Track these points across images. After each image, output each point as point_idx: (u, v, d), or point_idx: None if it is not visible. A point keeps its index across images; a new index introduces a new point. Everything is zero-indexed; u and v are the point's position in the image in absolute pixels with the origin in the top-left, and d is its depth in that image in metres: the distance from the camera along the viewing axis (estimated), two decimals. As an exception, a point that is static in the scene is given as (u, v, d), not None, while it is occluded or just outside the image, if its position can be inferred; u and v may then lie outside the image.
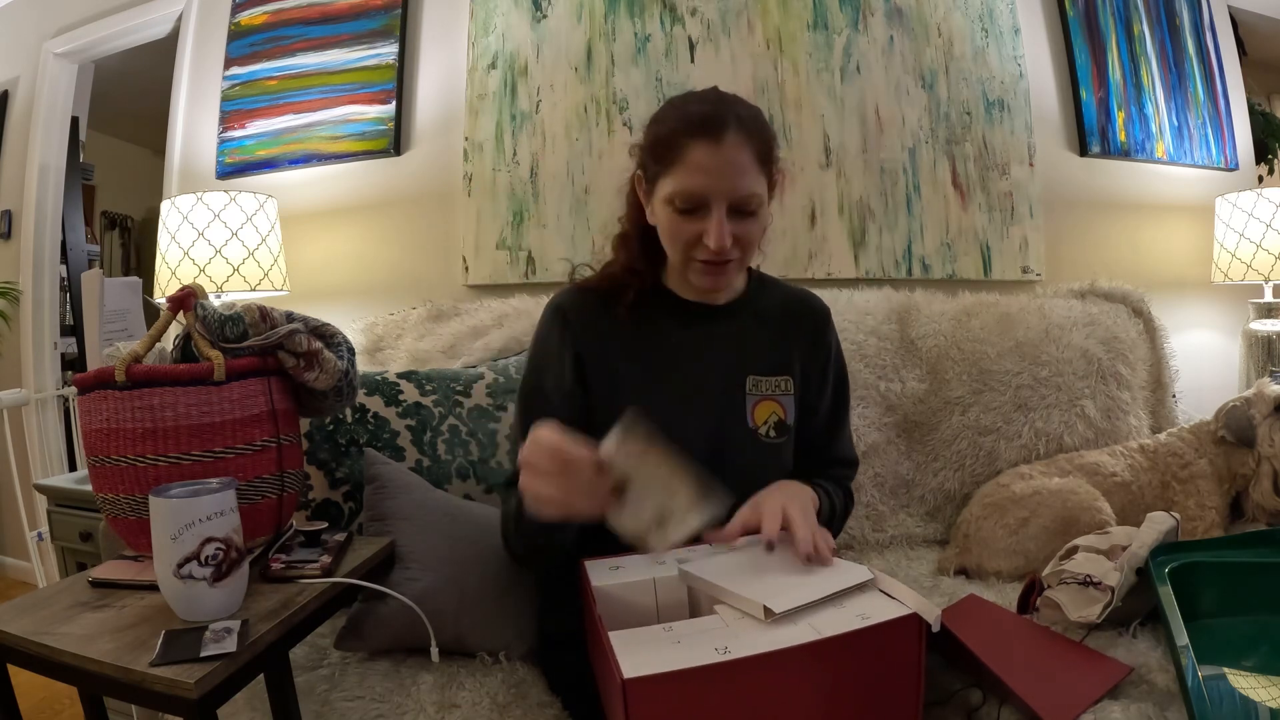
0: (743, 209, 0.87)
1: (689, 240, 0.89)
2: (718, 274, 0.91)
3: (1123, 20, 2.02)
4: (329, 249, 1.98)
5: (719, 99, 0.90)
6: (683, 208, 0.87)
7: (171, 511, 0.70)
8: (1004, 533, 1.25)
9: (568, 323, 0.96)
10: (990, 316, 1.57)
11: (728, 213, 0.86)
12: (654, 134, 0.90)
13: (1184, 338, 1.97)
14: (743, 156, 0.85)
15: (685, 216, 0.87)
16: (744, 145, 0.85)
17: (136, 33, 2.37)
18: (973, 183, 1.87)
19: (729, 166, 0.85)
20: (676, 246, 0.91)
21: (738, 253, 0.89)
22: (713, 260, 0.89)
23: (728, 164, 0.85)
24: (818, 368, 1.02)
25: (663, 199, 0.89)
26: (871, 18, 1.86)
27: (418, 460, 1.18)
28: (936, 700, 0.80)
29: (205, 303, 0.87)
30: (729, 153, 0.84)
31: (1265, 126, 2.60)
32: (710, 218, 0.86)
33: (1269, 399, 1.26)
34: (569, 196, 1.82)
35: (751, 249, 0.92)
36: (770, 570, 0.76)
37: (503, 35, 1.87)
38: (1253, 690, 0.73)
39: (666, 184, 0.88)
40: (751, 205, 0.87)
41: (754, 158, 0.86)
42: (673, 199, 0.87)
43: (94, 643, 0.68)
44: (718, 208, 0.86)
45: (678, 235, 0.89)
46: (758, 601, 0.67)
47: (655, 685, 0.58)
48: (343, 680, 0.91)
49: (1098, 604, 0.89)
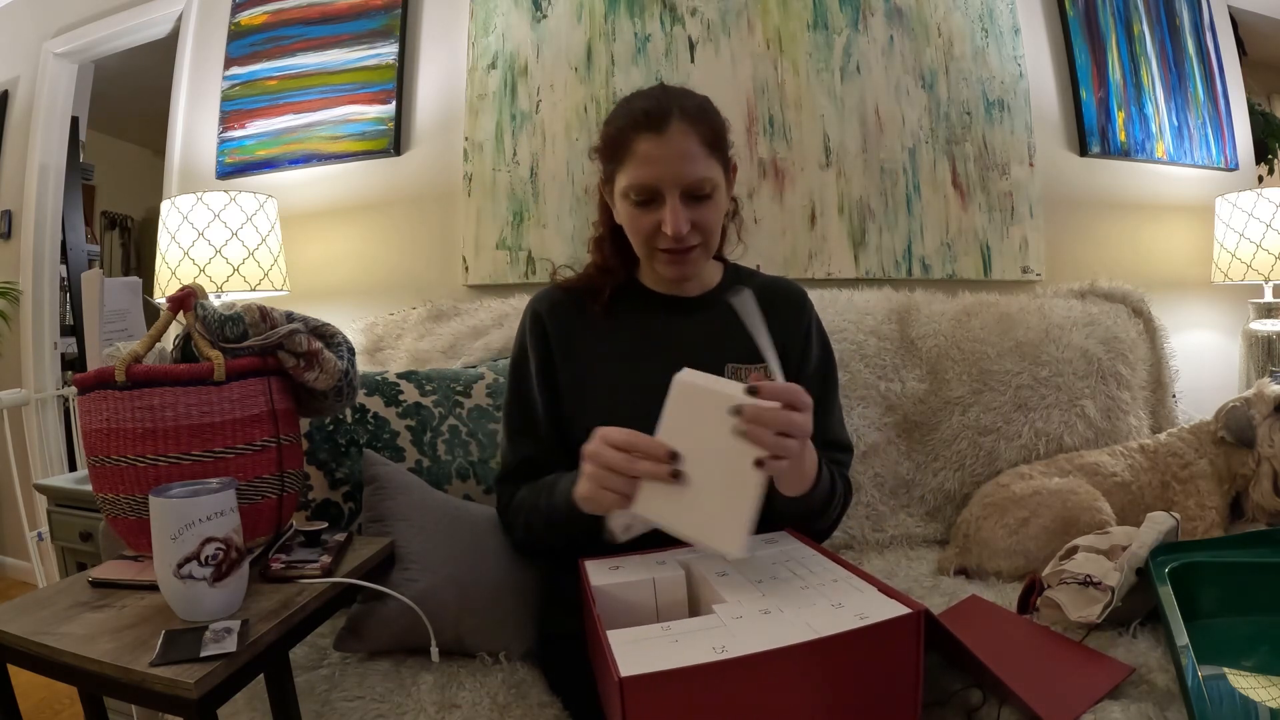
0: (696, 193, 0.90)
1: (649, 231, 0.92)
2: (681, 263, 0.94)
3: (1123, 20, 2.02)
4: (329, 249, 1.98)
5: (663, 93, 0.93)
6: (638, 200, 0.91)
7: (171, 511, 0.70)
8: (1004, 533, 1.25)
9: (542, 322, 0.99)
10: (990, 316, 1.57)
11: (682, 199, 0.89)
12: (605, 134, 0.94)
13: (1184, 338, 1.97)
14: (688, 143, 0.88)
15: (642, 209, 0.91)
16: (689, 132, 0.88)
17: (136, 33, 2.37)
18: (973, 183, 1.87)
19: (675, 155, 0.88)
20: (639, 239, 0.94)
21: (698, 238, 0.92)
22: (674, 249, 0.92)
23: (674, 153, 0.88)
24: (795, 349, 1.03)
25: (620, 194, 0.93)
26: (871, 18, 1.86)
27: (418, 460, 1.18)
28: (936, 700, 0.80)
29: (205, 303, 0.87)
30: (674, 141, 0.88)
31: (1265, 126, 2.60)
32: (665, 206, 0.89)
33: (1269, 399, 1.26)
34: (569, 196, 1.82)
35: (712, 234, 0.95)
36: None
37: (503, 35, 1.87)
38: (1253, 690, 0.73)
39: (621, 179, 0.91)
40: (705, 189, 0.90)
41: (701, 143, 0.89)
42: (628, 192, 0.91)
43: (94, 643, 0.68)
44: (670, 196, 0.89)
45: (638, 227, 0.93)
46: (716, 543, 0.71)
47: (652, 684, 0.58)
48: (343, 680, 0.91)
49: (1098, 604, 0.89)
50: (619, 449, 0.74)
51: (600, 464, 0.75)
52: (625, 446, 0.74)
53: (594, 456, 0.76)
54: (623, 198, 0.92)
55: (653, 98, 0.91)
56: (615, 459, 0.74)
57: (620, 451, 0.74)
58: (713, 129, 0.91)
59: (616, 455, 0.74)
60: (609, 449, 0.75)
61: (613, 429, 0.76)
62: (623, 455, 0.74)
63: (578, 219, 1.82)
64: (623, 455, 0.74)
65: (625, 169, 0.90)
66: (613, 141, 0.92)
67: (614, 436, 0.75)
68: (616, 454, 0.74)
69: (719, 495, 0.71)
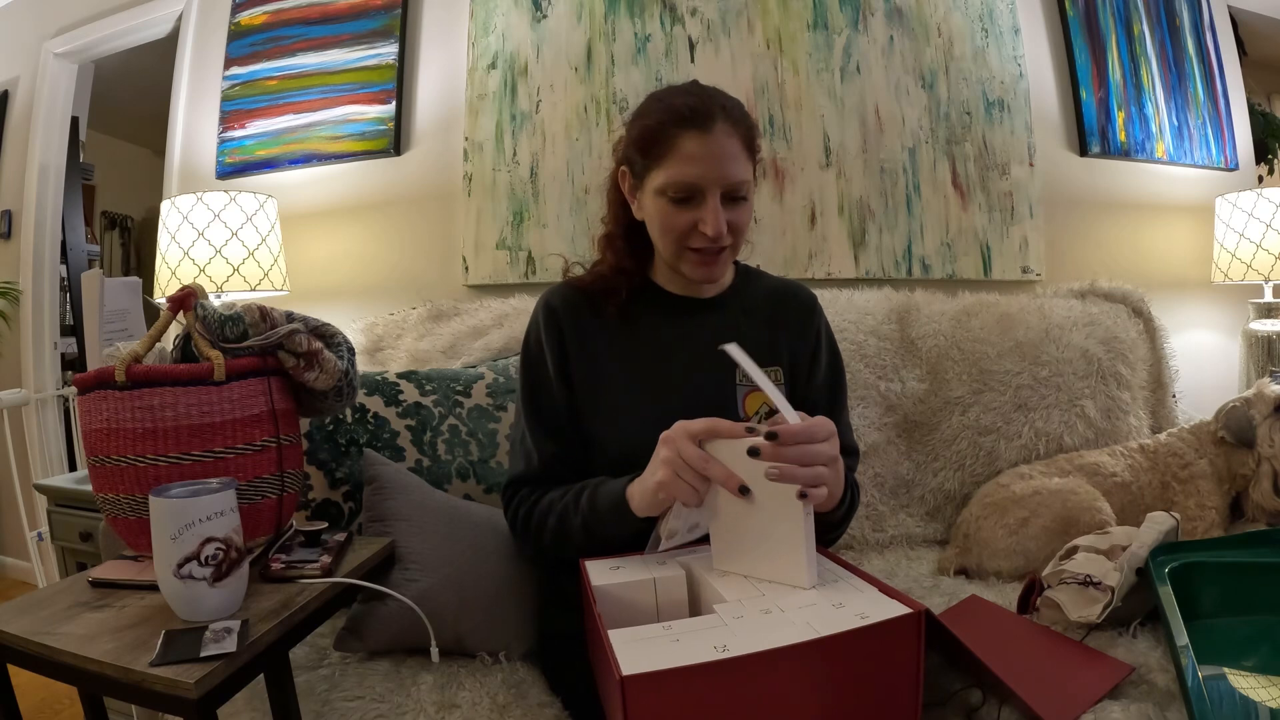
0: (734, 195, 0.90)
1: (683, 230, 0.90)
2: (711, 263, 0.93)
3: (1123, 20, 2.02)
4: (329, 249, 1.98)
5: (702, 91, 0.91)
6: (676, 198, 0.89)
7: (171, 511, 0.70)
8: (1004, 533, 1.25)
9: (557, 318, 0.97)
10: (990, 316, 1.57)
11: (721, 200, 0.88)
12: (642, 127, 0.91)
13: (1184, 338, 1.97)
14: (732, 144, 0.88)
15: (679, 206, 0.89)
16: (732, 133, 0.88)
17: (136, 33, 2.37)
18: (973, 183, 1.88)
19: (720, 154, 0.87)
20: (670, 238, 0.92)
21: (730, 239, 0.92)
22: (707, 248, 0.91)
23: (718, 152, 0.87)
24: (806, 356, 1.02)
25: (654, 191, 0.90)
26: (871, 18, 1.86)
27: (418, 460, 1.18)
28: (936, 700, 0.80)
29: (205, 303, 0.87)
30: (719, 141, 0.87)
31: (1265, 126, 2.60)
32: (705, 205, 0.88)
33: (1269, 399, 1.26)
34: (569, 196, 1.82)
35: (742, 235, 0.94)
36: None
37: (503, 35, 1.87)
38: (1253, 690, 0.73)
39: (658, 176, 0.89)
40: (742, 191, 0.90)
41: (742, 145, 0.89)
42: (665, 189, 0.89)
43: (94, 643, 0.68)
44: (712, 195, 0.88)
45: (672, 226, 0.91)
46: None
47: (653, 683, 0.58)
48: (343, 680, 0.91)
49: (1098, 604, 0.89)
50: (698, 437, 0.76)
51: (678, 452, 0.76)
52: (705, 434, 0.76)
53: (672, 444, 0.76)
54: (658, 194, 0.90)
55: (694, 94, 0.90)
56: (693, 455, 0.75)
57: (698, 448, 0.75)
58: (750, 130, 0.91)
59: (695, 451, 0.75)
60: (688, 443, 0.76)
61: (695, 421, 0.76)
62: (699, 454, 0.75)
63: (578, 219, 1.82)
64: (699, 454, 0.75)
65: (664, 165, 0.88)
66: (651, 136, 0.89)
67: (694, 427, 0.76)
68: (695, 450, 0.75)
69: (774, 530, 0.74)
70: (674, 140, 0.87)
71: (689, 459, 0.75)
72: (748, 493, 0.73)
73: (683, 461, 0.75)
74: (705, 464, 0.75)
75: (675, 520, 0.79)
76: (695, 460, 0.75)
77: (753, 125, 0.92)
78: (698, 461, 0.75)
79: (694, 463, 0.75)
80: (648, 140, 0.90)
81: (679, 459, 0.75)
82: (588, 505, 0.87)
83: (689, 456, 0.75)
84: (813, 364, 1.02)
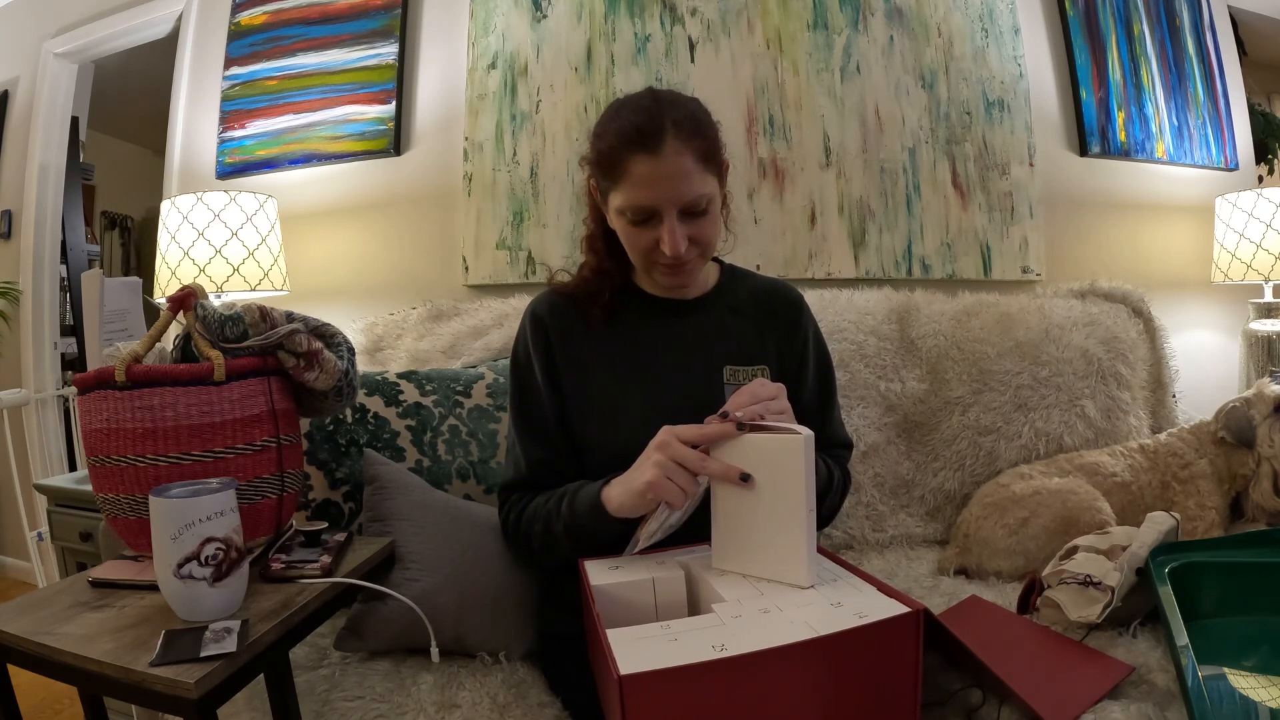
0: (693, 210, 0.88)
1: (646, 248, 0.91)
2: (680, 274, 0.94)
3: (1123, 20, 2.02)
4: (329, 249, 1.98)
5: (653, 103, 0.88)
6: (634, 219, 0.89)
7: (171, 511, 0.70)
8: (1004, 533, 1.25)
9: (543, 325, 0.98)
10: (990, 316, 1.57)
11: (679, 216, 0.88)
12: (597, 149, 0.91)
13: (1184, 338, 1.97)
14: (684, 162, 0.85)
15: (639, 226, 0.90)
16: (684, 151, 0.85)
17: (136, 33, 2.37)
18: (973, 183, 1.87)
19: (672, 176, 0.85)
20: (637, 254, 0.94)
21: (695, 251, 0.91)
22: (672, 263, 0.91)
23: (670, 173, 0.85)
24: (794, 355, 1.03)
25: (615, 211, 0.91)
26: (871, 18, 1.86)
27: (418, 460, 1.18)
28: (936, 700, 0.80)
29: (205, 303, 0.87)
30: (670, 162, 0.85)
31: (1265, 126, 2.60)
32: (663, 225, 0.88)
33: (1269, 399, 1.26)
34: (569, 196, 1.82)
35: (710, 245, 0.94)
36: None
37: (503, 35, 1.87)
38: (1253, 690, 0.73)
39: (616, 198, 0.89)
40: (701, 205, 0.88)
41: (696, 160, 0.86)
42: (624, 211, 0.89)
43: (94, 643, 0.68)
44: (668, 216, 0.87)
45: (635, 244, 0.92)
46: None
47: (652, 682, 0.58)
48: (343, 680, 0.91)
49: (1098, 604, 0.89)
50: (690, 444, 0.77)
51: (670, 455, 0.77)
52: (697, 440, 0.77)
53: (665, 448, 0.77)
54: (619, 214, 0.90)
55: (643, 110, 0.87)
56: (687, 455, 0.76)
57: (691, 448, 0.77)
58: (706, 142, 0.88)
59: (689, 451, 0.76)
60: (680, 444, 0.77)
61: (685, 427, 0.78)
62: (695, 453, 0.76)
63: (578, 219, 1.80)
64: (695, 453, 0.76)
65: (619, 188, 0.88)
66: (605, 158, 0.89)
67: (686, 433, 0.78)
68: (689, 450, 0.76)
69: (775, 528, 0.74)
70: (625, 164, 0.86)
71: (684, 459, 0.76)
72: (749, 479, 0.74)
73: (674, 464, 0.76)
74: (702, 462, 0.76)
75: (654, 522, 0.80)
76: (691, 460, 0.76)
77: (710, 134, 0.90)
78: (693, 461, 0.76)
79: (689, 462, 0.76)
80: (604, 163, 0.90)
81: (671, 461, 0.76)
82: (568, 510, 0.88)
83: (683, 457, 0.76)
84: (802, 363, 1.03)
